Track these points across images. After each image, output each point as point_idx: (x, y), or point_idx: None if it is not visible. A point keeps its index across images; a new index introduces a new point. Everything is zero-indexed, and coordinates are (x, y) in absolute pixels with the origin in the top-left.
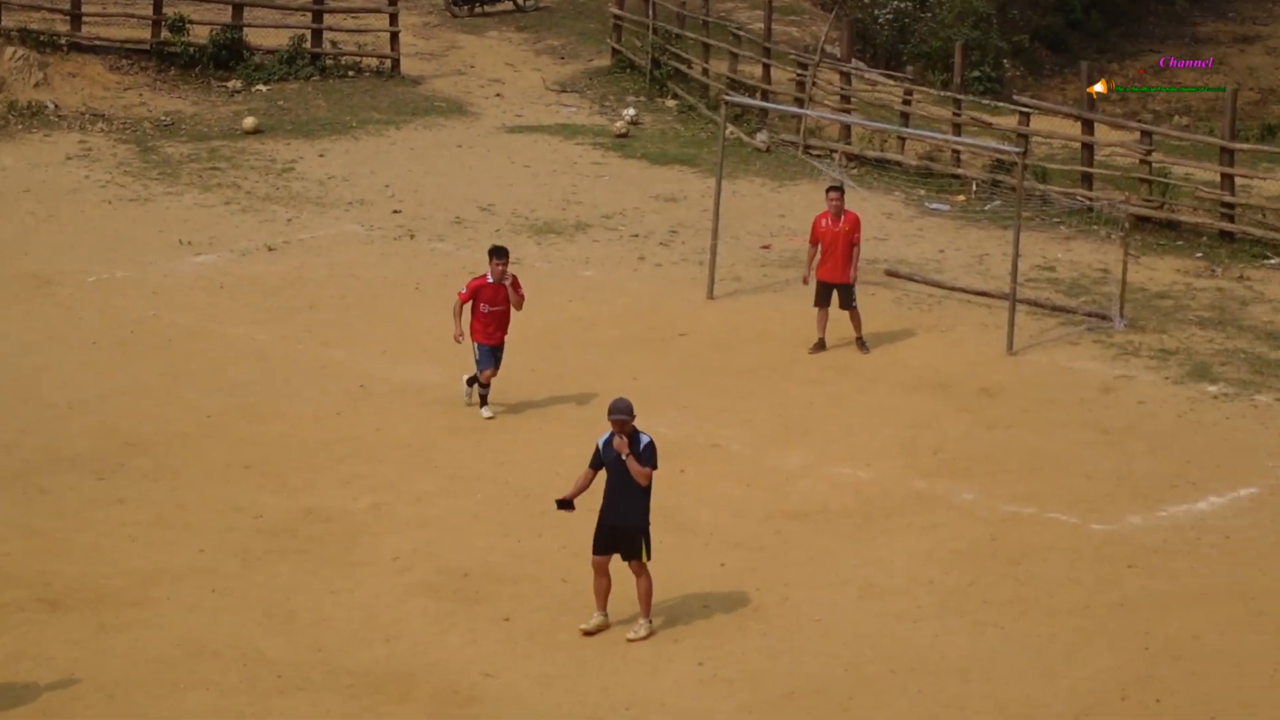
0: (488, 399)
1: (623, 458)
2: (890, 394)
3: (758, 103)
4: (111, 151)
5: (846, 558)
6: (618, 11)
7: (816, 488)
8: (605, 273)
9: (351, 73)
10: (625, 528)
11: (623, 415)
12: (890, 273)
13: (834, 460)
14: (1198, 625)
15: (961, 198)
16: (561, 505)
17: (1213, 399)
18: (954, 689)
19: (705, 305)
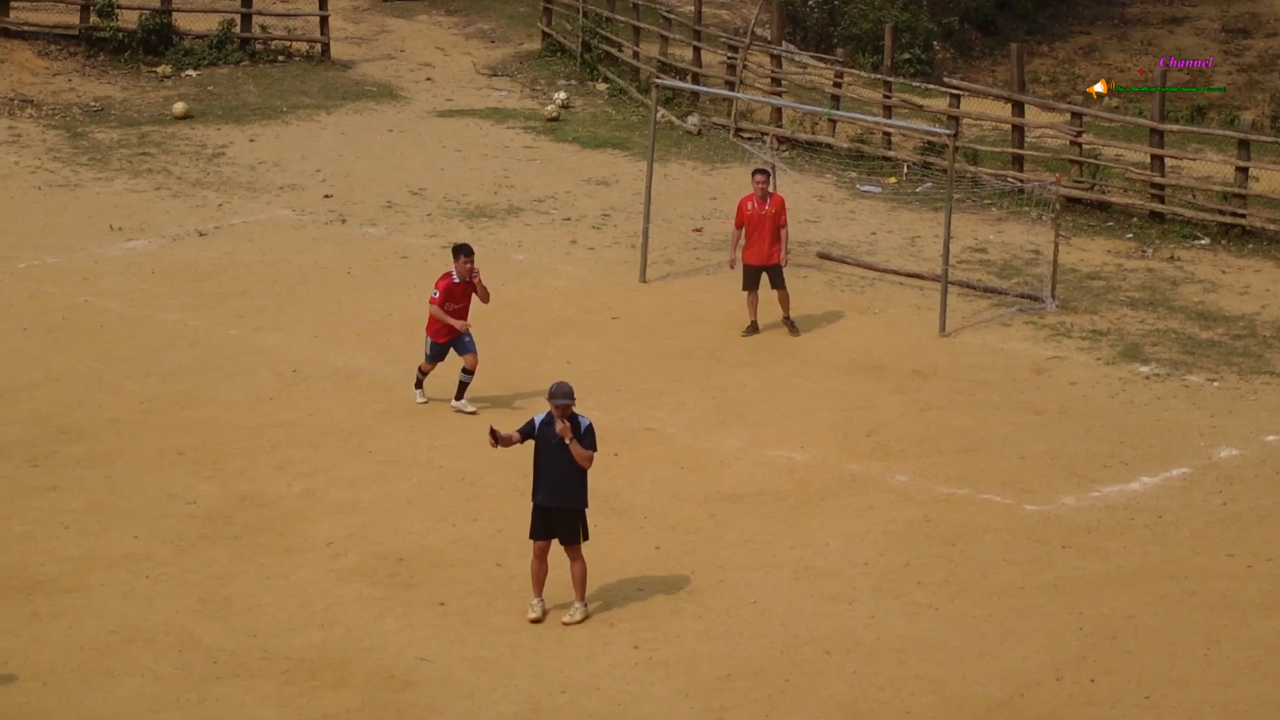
0: (422, 384)
1: (565, 441)
2: (824, 376)
3: (689, 86)
4: (41, 137)
5: (782, 540)
6: None
7: (751, 470)
8: (537, 257)
9: (281, 57)
10: (562, 510)
11: (565, 400)
12: (823, 255)
13: (769, 443)
14: (1131, 605)
15: (893, 180)
16: (493, 433)
17: (1144, 379)
18: (890, 670)
19: (638, 289)
